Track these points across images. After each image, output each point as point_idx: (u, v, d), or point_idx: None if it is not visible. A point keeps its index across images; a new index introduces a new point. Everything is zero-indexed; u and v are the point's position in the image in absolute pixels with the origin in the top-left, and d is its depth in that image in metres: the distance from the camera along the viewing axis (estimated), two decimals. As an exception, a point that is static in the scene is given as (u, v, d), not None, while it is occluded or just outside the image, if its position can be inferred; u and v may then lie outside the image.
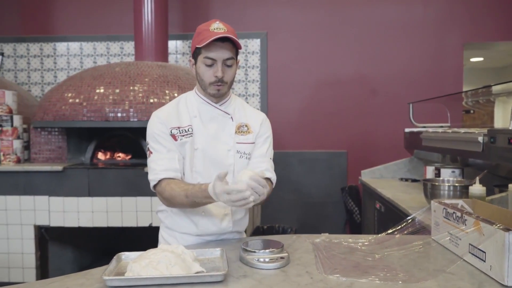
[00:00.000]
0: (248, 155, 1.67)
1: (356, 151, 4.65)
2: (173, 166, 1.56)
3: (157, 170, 1.56)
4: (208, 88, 1.58)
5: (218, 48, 1.51)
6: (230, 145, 1.63)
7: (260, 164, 1.67)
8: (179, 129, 1.60)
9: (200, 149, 1.60)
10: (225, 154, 1.63)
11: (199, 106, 1.64)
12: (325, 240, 1.59)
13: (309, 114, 4.72)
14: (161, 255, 1.26)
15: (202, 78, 1.57)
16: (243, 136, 1.66)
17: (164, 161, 1.56)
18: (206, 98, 1.64)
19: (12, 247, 3.18)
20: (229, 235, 1.72)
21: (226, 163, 1.63)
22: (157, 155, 1.58)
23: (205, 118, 1.64)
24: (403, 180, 3.48)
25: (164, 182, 1.54)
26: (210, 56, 1.52)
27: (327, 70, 4.69)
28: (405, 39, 4.60)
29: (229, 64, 1.55)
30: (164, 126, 1.59)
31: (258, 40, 4.74)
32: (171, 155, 1.57)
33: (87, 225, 3.13)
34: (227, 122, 1.65)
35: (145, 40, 3.78)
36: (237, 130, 1.66)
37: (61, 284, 1.21)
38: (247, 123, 1.68)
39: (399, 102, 4.43)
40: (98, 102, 3.23)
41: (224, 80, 1.56)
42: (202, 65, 1.55)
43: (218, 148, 1.62)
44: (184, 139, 1.59)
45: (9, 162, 3.32)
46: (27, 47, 4.95)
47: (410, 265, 1.32)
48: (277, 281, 1.21)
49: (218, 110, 1.65)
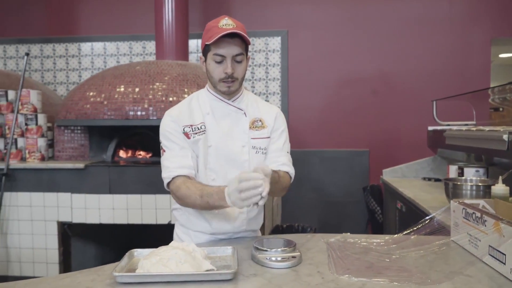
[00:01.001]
0: (264, 150, 1.65)
1: (378, 149, 4.57)
2: (187, 163, 1.55)
3: (170, 168, 1.55)
4: (218, 85, 1.57)
5: (227, 44, 1.50)
6: (245, 141, 1.62)
7: (278, 158, 1.65)
8: (192, 127, 1.59)
9: (213, 146, 1.59)
10: (239, 151, 1.61)
11: (211, 103, 1.63)
12: (340, 240, 1.56)
13: (330, 112, 4.67)
14: (171, 252, 1.26)
15: (212, 75, 1.56)
16: (258, 131, 1.64)
17: (177, 158, 1.56)
18: (218, 95, 1.63)
19: (37, 243, 3.26)
20: (243, 234, 1.71)
21: (241, 159, 1.61)
22: (170, 152, 1.58)
23: (218, 115, 1.63)
24: (426, 180, 3.40)
25: (178, 180, 1.53)
26: (219, 53, 1.51)
27: (349, 67, 4.62)
28: (429, 34, 4.49)
29: (239, 60, 1.54)
30: (176, 125, 1.59)
31: (279, 38, 4.71)
32: (184, 153, 1.57)
33: (108, 222, 3.17)
34: (241, 118, 1.64)
35: (166, 39, 3.80)
36: (251, 125, 1.64)
37: (73, 279, 1.23)
38: (261, 118, 1.66)
39: (422, 99, 4.33)
40: (119, 101, 3.27)
41: (234, 77, 1.54)
42: (212, 62, 1.54)
43: (232, 144, 1.61)
44: (197, 136, 1.58)
45: (34, 159, 3.40)
46: (53, 48, 5.07)
47: (426, 267, 1.28)
48: (287, 280, 1.19)
49: (231, 106, 1.63)
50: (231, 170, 1.58)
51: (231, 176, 1.48)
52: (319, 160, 4.66)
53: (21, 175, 3.26)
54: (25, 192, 3.25)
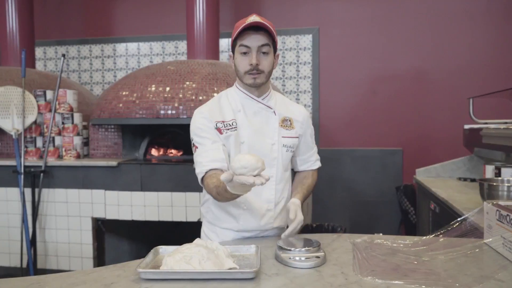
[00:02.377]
0: (292, 149, 1.70)
1: (412, 148, 4.46)
2: (219, 156, 1.55)
3: (203, 163, 1.55)
4: (244, 78, 1.58)
5: (252, 35, 1.53)
6: (275, 139, 1.65)
7: (311, 157, 1.81)
8: (224, 123, 1.61)
9: (246, 143, 1.61)
10: (269, 148, 1.64)
11: (242, 101, 1.65)
12: (367, 241, 1.53)
13: (363, 111, 4.59)
14: (194, 250, 1.27)
15: (238, 69, 1.59)
16: (287, 131, 1.68)
17: (209, 152, 1.56)
18: (248, 92, 1.65)
19: (72, 238, 3.36)
20: (270, 232, 1.71)
21: (271, 156, 1.63)
22: (202, 148, 1.58)
23: (249, 112, 1.64)
24: (461, 180, 3.28)
25: (209, 174, 1.53)
26: (244, 43, 1.53)
27: (382, 64, 4.53)
28: (466, 29, 4.33)
29: (265, 51, 1.55)
30: (208, 121, 1.60)
31: (310, 35, 4.67)
32: (216, 146, 1.57)
33: (140, 219, 3.24)
34: (270, 116, 1.66)
35: (197, 38, 3.84)
36: (281, 123, 1.67)
37: (99, 274, 1.26)
38: (290, 118, 1.70)
39: (458, 97, 4.18)
40: (150, 100, 3.33)
41: (260, 69, 1.55)
42: (238, 55, 1.57)
43: (263, 141, 1.63)
44: (229, 132, 1.60)
45: (70, 157, 3.51)
46: (89, 49, 5.22)
47: (455, 270, 1.23)
48: (309, 280, 1.17)
49: (260, 104, 1.65)
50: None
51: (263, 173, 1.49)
52: (351, 159, 4.59)
53: (58, 172, 3.38)
54: (61, 189, 3.36)
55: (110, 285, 1.17)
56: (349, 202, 4.60)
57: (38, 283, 1.19)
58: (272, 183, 1.64)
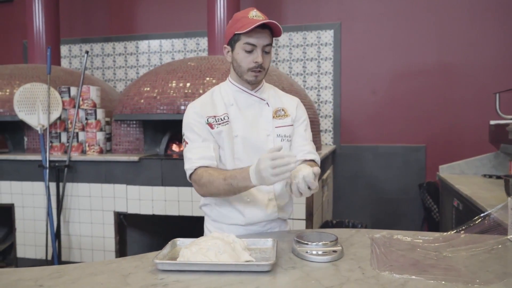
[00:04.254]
0: (289, 138, 1.69)
1: (436, 145, 4.37)
2: (209, 154, 1.58)
3: (193, 159, 1.58)
4: (246, 75, 1.59)
5: (259, 34, 1.53)
6: (269, 130, 1.66)
7: (303, 147, 1.71)
8: (215, 118, 1.62)
9: (240, 136, 1.63)
10: (264, 139, 1.65)
11: (234, 95, 1.67)
12: (386, 236, 1.51)
13: (385, 107, 4.52)
14: (211, 242, 1.27)
15: (240, 64, 1.58)
16: (281, 120, 1.69)
17: (199, 149, 1.59)
18: (241, 86, 1.66)
19: (95, 231, 3.43)
20: (275, 224, 1.72)
21: (266, 148, 1.64)
22: (192, 144, 1.61)
23: (242, 106, 1.66)
24: (486, 177, 3.20)
25: (200, 170, 1.56)
26: (251, 42, 1.54)
27: (405, 59, 4.45)
28: (493, 22, 4.21)
29: (268, 50, 1.58)
30: (199, 116, 1.62)
31: (331, 31, 4.62)
32: (206, 144, 1.60)
33: (161, 213, 3.28)
34: (264, 108, 1.68)
35: (218, 35, 3.86)
36: (275, 114, 1.68)
37: (118, 265, 1.28)
38: (283, 108, 1.71)
39: (484, 92, 4.08)
40: (171, 96, 3.36)
41: (263, 67, 1.58)
42: (241, 51, 1.56)
43: (257, 134, 1.65)
44: (221, 127, 1.61)
45: (93, 152, 3.58)
46: (113, 46, 5.30)
47: (476, 266, 1.20)
48: (326, 274, 1.16)
49: (253, 97, 1.67)
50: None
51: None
52: (373, 156, 4.53)
53: (81, 167, 3.45)
54: (84, 183, 3.43)
55: (127, 275, 1.18)
56: (371, 199, 4.55)
57: (58, 272, 1.21)
58: None
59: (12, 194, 3.57)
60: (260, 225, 1.68)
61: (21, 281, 1.16)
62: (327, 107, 4.66)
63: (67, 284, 1.13)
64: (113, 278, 1.16)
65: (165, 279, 1.14)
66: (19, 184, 3.56)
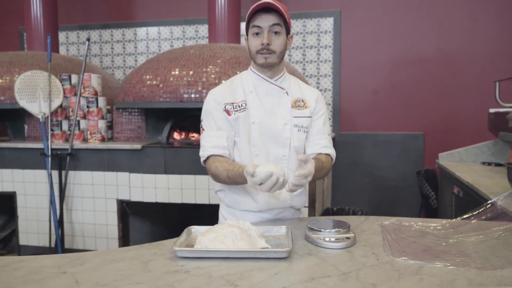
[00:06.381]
0: (306, 129, 1.71)
1: (434, 133, 4.41)
2: (221, 144, 1.62)
3: (206, 147, 1.64)
4: (256, 58, 1.61)
5: (263, 16, 1.56)
6: (287, 119, 1.67)
7: (319, 141, 1.72)
8: (233, 105, 1.65)
9: (256, 123, 1.65)
10: (281, 128, 1.66)
11: (254, 82, 1.69)
12: (395, 223, 1.54)
13: (384, 94, 4.55)
14: (228, 229, 1.30)
15: (250, 49, 1.62)
16: (300, 111, 1.70)
17: (213, 138, 1.64)
18: (261, 74, 1.68)
19: (98, 219, 3.45)
20: (287, 213, 1.74)
21: (283, 136, 1.67)
22: (207, 132, 1.66)
23: (261, 93, 1.68)
24: (486, 164, 3.25)
25: (211, 159, 1.62)
26: (256, 24, 1.57)
27: (405, 48, 4.46)
28: (493, 11, 4.23)
29: (277, 30, 1.58)
30: (217, 103, 1.66)
31: (331, 18, 4.62)
32: (220, 134, 1.64)
33: (164, 201, 3.30)
34: (283, 97, 1.69)
35: (218, 22, 3.84)
36: (294, 104, 1.70)
37: (136, 252, 1.30)
38: (303, 99, 1.73)
39: (483, 80, 4.12)
40: (174, 84, 3.36)
41: (271, 49, 1.58)
42: (250, 36, 1.60)
43: (274, 121, 1.66)
44: (238, 113, 1.64)
45: (95, 140, 3.58)
46: (111, 33, 5.26)
47: (486, 252, 1.24)
48: (342, 260, 1.20)
49: (273, 85, 1.69)
50: (274, 146, 1.66)
51: (274, 153, 1.64)
52: (372, 144, 4.57)
53: (83, 155, 3.45)
54: (87, 171, 3.44)
55: (147, 262, 1.21)
56: (370, 186, 4.60)
57: (78, 259, 1.24)
58: (285, 161, 1.67)
59: (14, 182, 3.58)
60: (272, 213, 1.70)
61: (45, 268, 1.18)
62: (327, 95, 4.68)
63: (89, 271, 1.15)
64: (134, 265, 1.18)
65: (185, 266, 1.17)
66: (20, 172, 3.56)
